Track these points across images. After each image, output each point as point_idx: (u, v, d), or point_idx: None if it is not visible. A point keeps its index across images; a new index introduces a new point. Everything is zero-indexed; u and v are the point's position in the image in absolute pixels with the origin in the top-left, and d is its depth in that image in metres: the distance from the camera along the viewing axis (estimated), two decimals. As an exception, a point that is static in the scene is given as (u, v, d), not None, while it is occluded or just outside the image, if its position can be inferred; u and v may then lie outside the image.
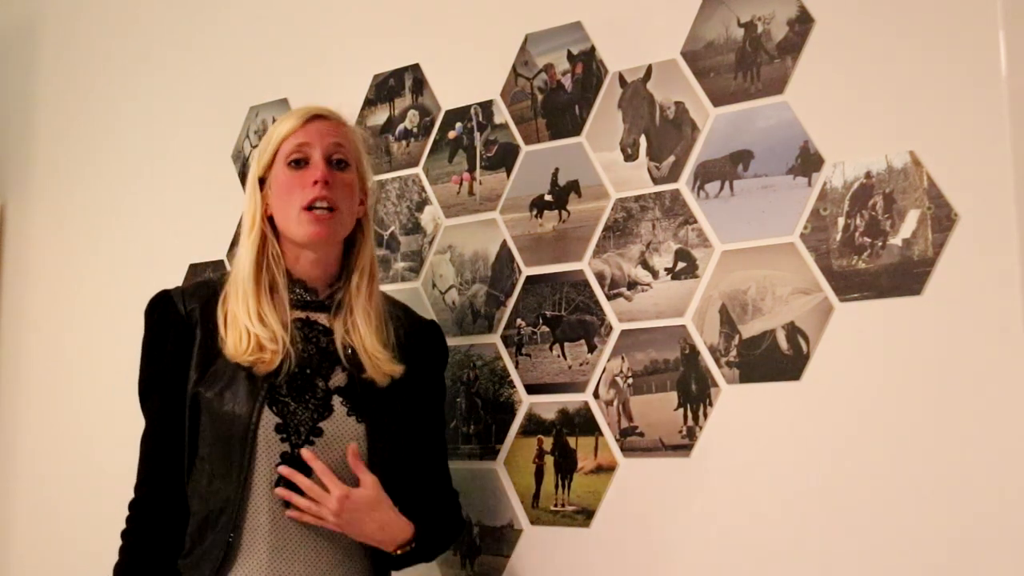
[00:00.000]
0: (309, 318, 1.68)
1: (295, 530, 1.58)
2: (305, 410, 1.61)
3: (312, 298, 1.69)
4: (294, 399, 1.61)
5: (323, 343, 1.67)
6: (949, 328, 1.50)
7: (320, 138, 1.67)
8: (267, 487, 1.57)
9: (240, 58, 2.39)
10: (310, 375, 1.63)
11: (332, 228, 1.65)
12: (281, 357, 1.60)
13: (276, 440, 1.58)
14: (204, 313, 1.65)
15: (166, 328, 1.66)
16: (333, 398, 1.63)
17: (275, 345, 1.59)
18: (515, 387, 1.88)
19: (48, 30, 2.83)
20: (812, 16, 1.66)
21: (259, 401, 1.59)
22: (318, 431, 1.60)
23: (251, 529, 1.57)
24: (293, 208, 1.64)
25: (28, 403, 2.69)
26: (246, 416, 1.58)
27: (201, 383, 1.62)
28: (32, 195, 2.78)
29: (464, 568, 1.90)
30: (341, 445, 1.60)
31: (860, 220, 1.59)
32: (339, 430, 1.61)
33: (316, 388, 1.63)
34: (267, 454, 1.58)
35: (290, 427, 1.59)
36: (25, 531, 2.64)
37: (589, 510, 1.77)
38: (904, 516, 1.50)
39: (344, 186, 1.67)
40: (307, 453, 1.57)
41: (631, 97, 1.82)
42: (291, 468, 1.57)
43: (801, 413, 1.60)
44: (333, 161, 1.67)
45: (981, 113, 1.51)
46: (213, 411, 1.60)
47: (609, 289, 1.80)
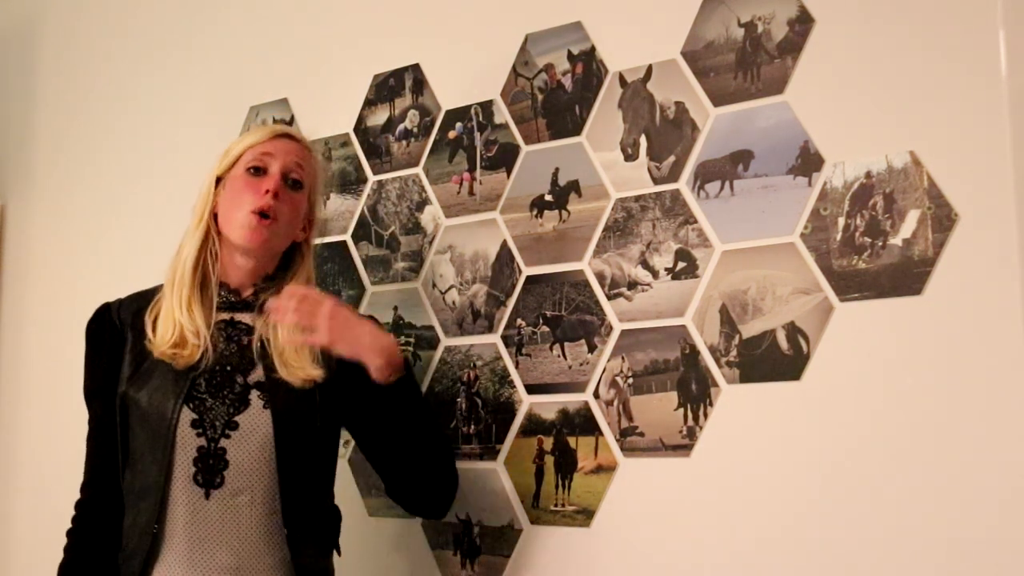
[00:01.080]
0: (233, 319, 1.75)
1: (215, 520, 1.63)
2: (221, 405, 1.67)
3: (235, 299, 1.76)
4: (211, 395, 1.67)
5: (244, 341, 1.73)
6: (949, 328, 1.50)
7: (283, 154, 1.76)
8: (186, 480, 1.63)
9: (240, 58, 2.40)
10: (230, 372, 1.70)
11: (266, 235, 1.71)
12: (201, 350, 1.67)
13: (192, 435, 1.65)
14: (135, 321, 1.74)
15: (102, 338, 1.78)
16: (251, 392, 1.68)
17: (196, 340, 1.68)
18: (515, 387, 1.89)
19: (48, 30, 2.83)
20: (812, 16, 1.66)
21: (179, 398, 1.65)
22: (234, 424, 1.66)
23: (172, 521, 1.64)
24: (240, 210, 1.71)
25: (28, 403, 2.69)
26: (168, 413, 1.65)
27: (130, 383, 1.70)
28: (32, 195, 2.78)
29: (464, 568, 1.90)
30: (256, 436, 1.66)
31: (860, 220, 1.59)
32: (255, 423, 1.66)
33: (235, 384, 1.69)
34: (184, 449, 1.64)
35: (206, 422, 1.66)
36: (25, 531, 2.63)
37: (589, 510, 1.77)
38: (904, 516, 1.50)
39: (291, 204, 1.75)
40: (289, 289, 1.68)
41: (631, 97, 1.82)
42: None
43: (801, 413, 1.60)
44: (289, 180, 1.75)
45: (981, 113, 1.51)
46: (141, 409, 1.68)
47: (609, 289, 1.80)
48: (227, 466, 1.64)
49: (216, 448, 1.64)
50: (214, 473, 1.64)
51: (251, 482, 1.65)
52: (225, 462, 1.64)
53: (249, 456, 1.65)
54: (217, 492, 1.63)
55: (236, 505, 1.64)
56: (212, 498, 1.63)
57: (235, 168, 1.76)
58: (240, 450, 1.65)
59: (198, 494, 1.63)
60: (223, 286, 1.75)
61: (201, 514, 1.63)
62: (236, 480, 1.64)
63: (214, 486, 1.63)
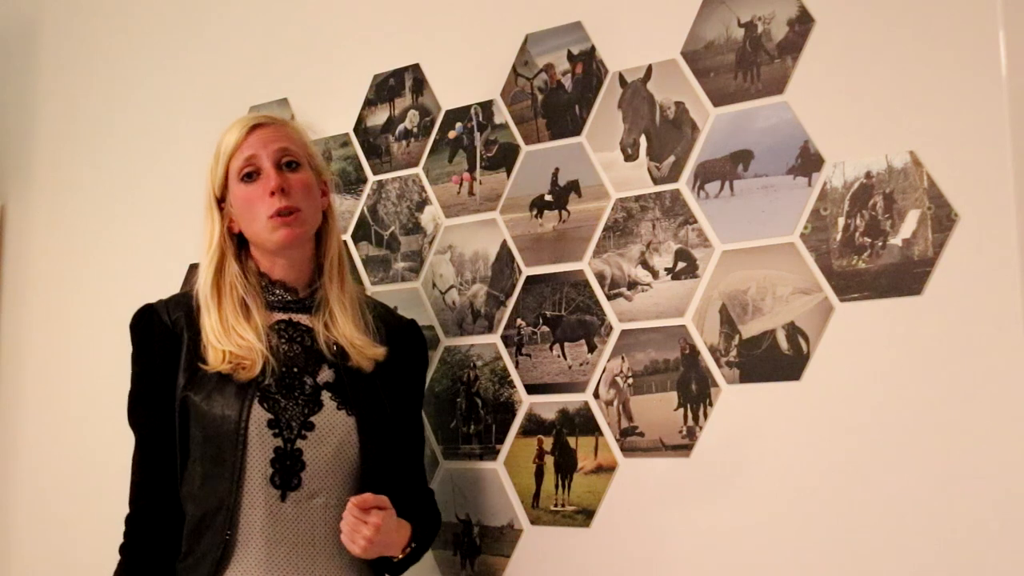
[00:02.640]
0: (292, 319, 1.71)
1: (291, 523, 1.60)
2: (295, 405, 1.63)
3: (293, 298, 1.72)
4: (283, 396, 1.63)
5: (307, 342, 1.70)
6: (949, 328, 1.50)
7: (264, 147, 1.70)
8: (262, 482, 1.59)
9: (240, 58, 2.40)
10: (297, 373, 1.66)
11: (300, 228, 1.68)
12: (260, 365, 1.63)
13: (269, 435, 1.60)
14: (188, 321, 1.68)
15: (151, 339, 1.69)
16: (322, 393, 1.66)
17: (252, 355, 1.62)
18: (515, 387, 1.88)
19: (48, 30, 2.83)
20: (812, 16, 1.66)
21: (248, 399, 1.61)
22: (310, 425, 1.63)
23: (247, 525, 1.59)
24: (259, 219, 1.67)
25: (28, 403, 2.69)
26: (235, 414, 1.60)
27: (189, 388, 1.64)
28: (32, 195, 2.78)
29: (464, 568, 1.90)
30: (333, 438, 1.63)
31: (860, 220, 1.59)
32: (330, 423, 1.64)
33: (304, 385, 1.66)
34: (260, 449, 1.60)
35: (281, 422, 1.62)
36: (25, 531, 2.63)
37: (589, 510, 1.77)
38: (904, 515, 1.50)
39: (300, 186, 1.70)
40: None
41: (631, 97, 1.82)
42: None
43: (801, 413, 1.60)
44: (283, 165, 1.70)
45: (981, 113, 1.51)
46: (202, 413, 1.62)
47: (609, 289, 1.80)
48: (304, 467, 1.60)
49: (293, 449, 1.61)
50: (291, 474, 1.60)
51: (327, 484, 1.62)
52: (302, 463, 1.60)
53: (326, 458, 1.62)
54: (293, 494, 1.60)
55: (312, 508, 1.60)
56: (288, 500, 1.60)
57: (230, 182, 1.71)
58: (317, 451, 1.61)
59: (274, 496, 1.59)
60: (277, 284, 1.71)
61: (278, 516, 1.59)
62: (312, 482, 1.61)
63: (291, 488, 1.60)
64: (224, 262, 1.69)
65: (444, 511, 1.92)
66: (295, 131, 1.76)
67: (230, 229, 1.72)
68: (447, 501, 1.92)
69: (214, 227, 1.71)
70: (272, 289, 1.71)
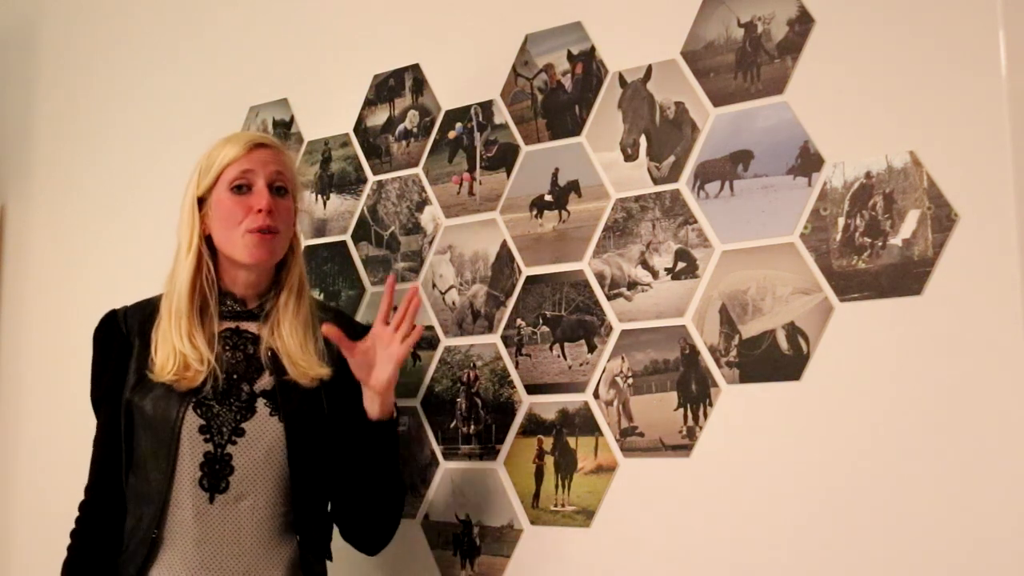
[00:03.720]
0: (239, 328, 1.77)
1: (218, 524, 1.66)
2: (228, 412, 1.69)
3: (241, 308, 1.78)
4: (218, 402, 1.69)
5: (251, 350, 1.75)
6: (949, 328, 1.50)
7: (263, 166, 1.76)
8: (191, 484, 1.66)
9: (240, 58, 2.40)
10: (236, 380, 1.72)
11: (273, 250, 1.75)
12: (204, 375, 1.69)
13: (200, 440, 1.67)
14: (142, 330, 1.76)
15: (109, 345, 1.78)
16: (257, 400, 1.71)
17: (200, 366, 1.69)
18: (515, 387, 1.88)
19: (48, 30, 2.83)
20: (812, 16, 1.66)
21: (184, 405, 1.67)
22: (240, 431, 1.68)
23: (175, 525, 1.66)
24: (237, 231, 1.73)
25: (28, 403, 2.69)
26: (172, 418, 1.67)
27: (134, 390, 1.72)
28: (32, 195, 2.78)
29: (464, 568, 1.90)
30: (262, 443, 1.68)
31: (860, 220, 1.59)
32: (261, 429, 1.69)
33: (241, 392, 1.71)
34: (191, 453, 1.66)
35: (213, 427, 1.68)
36: (25, 531, 2.63)
37: (589, 510, 1.77)
38: (904, 516, 1.50)
39: (284, 211, 1.77)
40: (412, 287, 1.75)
41: (631, 97, 1.82)
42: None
43: (801, 413, 1.60)
44: (274, 188, 1.76)
45: (981, 113, 1.51)
46: (144, 415, 1.69)
47: (609, 289, 1.80)
48: (232, 471, 1.67)
49: (223, 453, 1.67)
50: (219, 478, 1.66)
51: (254, 487, 1.67)
52: (231, 468, 1.67)
53: (254, 462, 1.67)
54: (221, 497, 1.66)
55: (238, 510, 1.66)
56: (216, 502, 1.66)
57: (217, 187, 1.75)
58: (246, 456, 1.67)
59: (203, 498, 1.65)
60: (228, 295, 1.77)
61: (204, 518, 1.65)
62: (240, 485, 1.66)
63: (219, 491, 1.66)
64: (201, 265, 1.75)
65: (444, 511, 1.93)
66: (288, 158, 1.83)
67: (202, 232, 1.77)
68: (447, 501, 1.93)
69: (194, 227, 1.77)
70: (224, 299, 1.77)
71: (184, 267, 1.75)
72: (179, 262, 1.77)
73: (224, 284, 1.77)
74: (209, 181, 1.76)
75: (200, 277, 1.74)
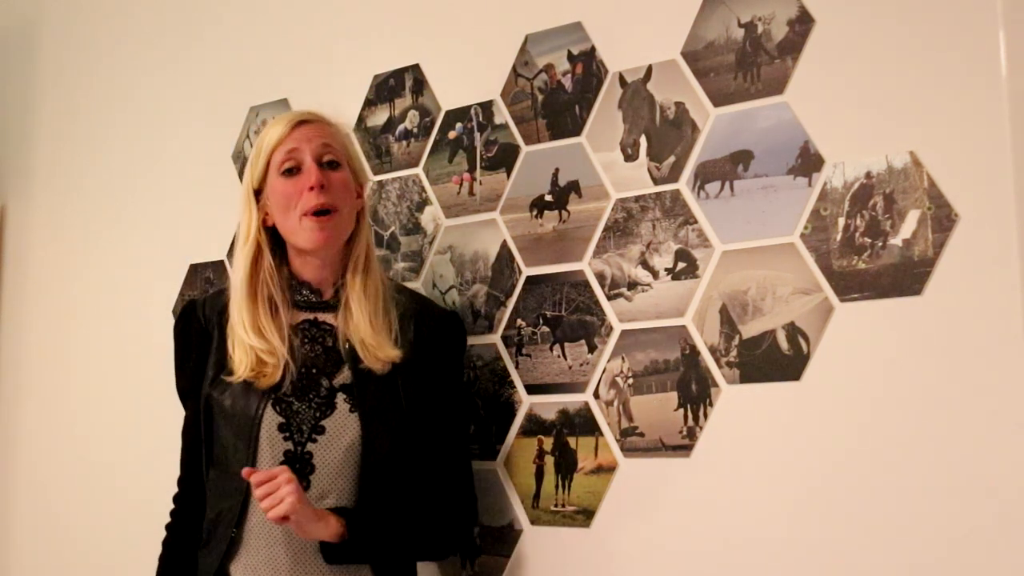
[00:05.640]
0: (317, 319, 1.72)
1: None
2: (308, 408, 1.65)
3: (318, 299, 1.73)
4: (298, 399, 1.65)
5: (329, 342, 1.71)
6: (949, 328, 1.50)
7: (308, 142, 1.71)
8: None
9: (240, 58, 2.39)
10: (315, 374, 1.68)
11: (334, 231, 1.69)
12: (282, 370, 1.65)
13: (279, 439, 1.63)
14: (220, 320, 1.72)
15: (189, 338, 1.76)
16: (337, 396, 1.67)
17: (273, 359, 1.65)
18: (515, 387, 1.88)
19: (48, 30, 2.83)
20: (812, 16, 1.66)
21: (263, 402, 1.64)
22: (320, 428, 1.64)
23: (256, 524, 1.62)
24: (294, 216, 1.68)
25: (28, 403, 2.69)
26: (251, 416, 1.63)
27: (214, 386, 1.69)
28: (32, 195, 2.78)
29: (464, 568, 1.90)
30: (343, 441, 1.64)
31: (860, 220, 1.59)
32: (341, 426, 1.65)
33: (320, 387, 1.67)
34: (270, 452, 1.63)
35: (292, 425, 1.64)
36: (25, 531, 2.63)
37: (589, 510, 1.77)
38: (904, 516, 1.50)
39: (340, 186, 1.71)
40: (247, 471, 1.56)
41: (631, 97, 1.82)
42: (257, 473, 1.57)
43: (801, 413, 1.60)
44: (324, 163, 1.71)
45: (981, 113, 1.51)
46: (223, 412, 1.67)
47: (609, 289, 1.80)
48: (313, 470, 1.63)
49: (303, 452, 1.63)
50: (301, 477, 1.60)
51: (337, 486, 1.63)
52: (312, 466, 1.63)
53: (335, 460, 1.63)
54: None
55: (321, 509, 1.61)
56: None
57: (269, 175, 1.71)
58: (326, 454, 1.63)
59: None
60: (304, 285, 1.73)
61: None
62: (322, 484, 1.63)
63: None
64: (260, 255, 1.71)
65: (444, 511, 1.92)
66: (338, 130, 1.78)
67: (264, 222, 1.73)
68: (447, 501, 1.93)
69: (251, 219, 1.72)
70: (299, 289, 1.72)
71: (240, 261, 1.71)
72: (236, 256, 1.73)
73: (297, 273, 1.72)
74: (260, 170, 1.72)
75: (259, 268, 1.69)
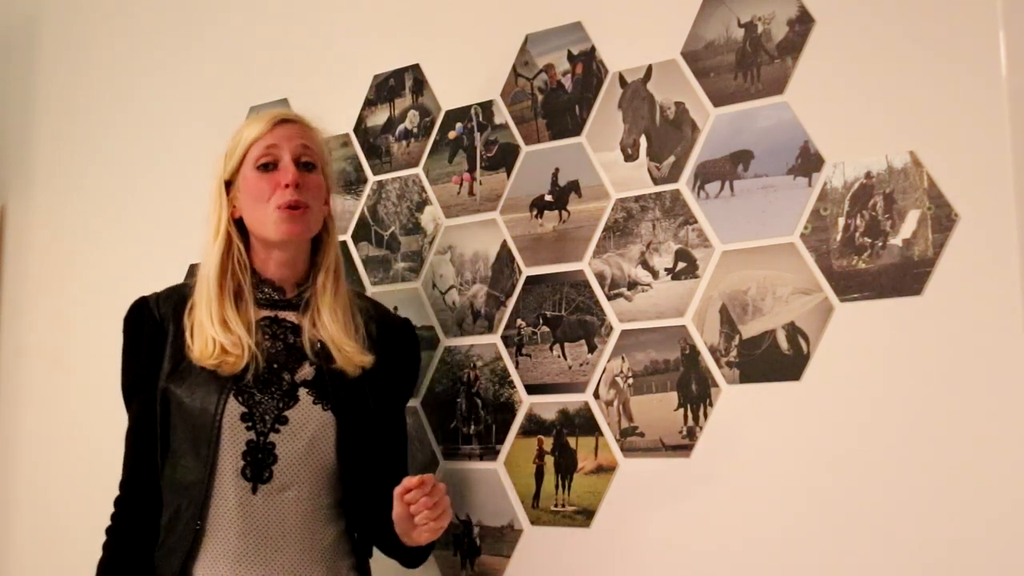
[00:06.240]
0: (277, 316, 1.73)
1: (261, 515, 1.62)
2: (270, 399, 1.66)
3: (280, 297, 1.74)
4: (259, 390, 1.66)
5: (291, 340, 1.72)
6: (949, 328, 1.50)
7: (288, 141, 1.73)
8: (234, 474, 1.62)
9: (240, 58, 2.40)
10: (277, 369, 1.69)
11: (305, 225, 1.71)
12: (246, 360, 1.65)
13: (241, 428, 1.63)
14: (175, 317, 1.71)
15: (141, 332, 1.73)
16: (299, 389, 1.68)
17: (239, 350, 1.65)
18: (515, 387, 1.88)
19: (48, 30, 2.83)
20: (812, 16, 1.66)
21: (225, 392, 1.64)
22: (283, 419, 1.65)
23: (218, 516, 1.62)
24: (266, 209, 1.69)
25: (28, 403, 2.69)
26: (212, 406, 1.63)
27: (171, 379, 1.67)
28: (32, 195, 2.78)
29: (464, 568, 1.90)
30: (306, 432, 1.65)
31: (860, 220, 1.59)
32: (304, 417, 1.66)
33: (282, 381, 1.68)
34: (232, 442, 1.63)
35: (255, 415, 1.64)
36: (25, 531, 2.63)
37: (589, 510, 1.77)
38: (904, 516, 1.50)
39: (314, 187, 1.73)
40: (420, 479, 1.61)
41: (631, 97, 1.82)
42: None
43: (801, 413, 1.60)
44: (301, 163, 1.73)
45: (981, 113, 1.51)
46: (182, 405, 1.65)
47: (609, 289, 1.80)
48: (276, 461, 1.63)
49: (266, 442, 1.63)
50: (263, 467, 1.62)
51: (298, 477, 1.64)
52: (274, 456, 1.63)
53: (297, 451, 1.64)
54: (264, 487, 1.62)
55: (283, 500, 1.63)
56: (259, 493, 1.62)
57: (243, 168, 1.73)
58: (289, 445, 1.64)
59: (245, 488, 1.62)
60: (266, 283, 1.73)
61: (248, 508, 1.61)
62: (284, 475, 1.63)
63: (262, 480, 1.62)
64: (231, 247, 1.72)
65: (444, 511, 1.92)
66: (316, 133, 1.80)
67: (231, 215, 1.74)
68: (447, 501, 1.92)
69: (221, 210, 1.73)
70: (261, 286, 1.73)
71: (212, 252, 1.71)
72: (208, 248, 1.73)
73: (259, 270, 1.73)
74: (235, 163, 1.73)
75: (230, 261, 1.71)
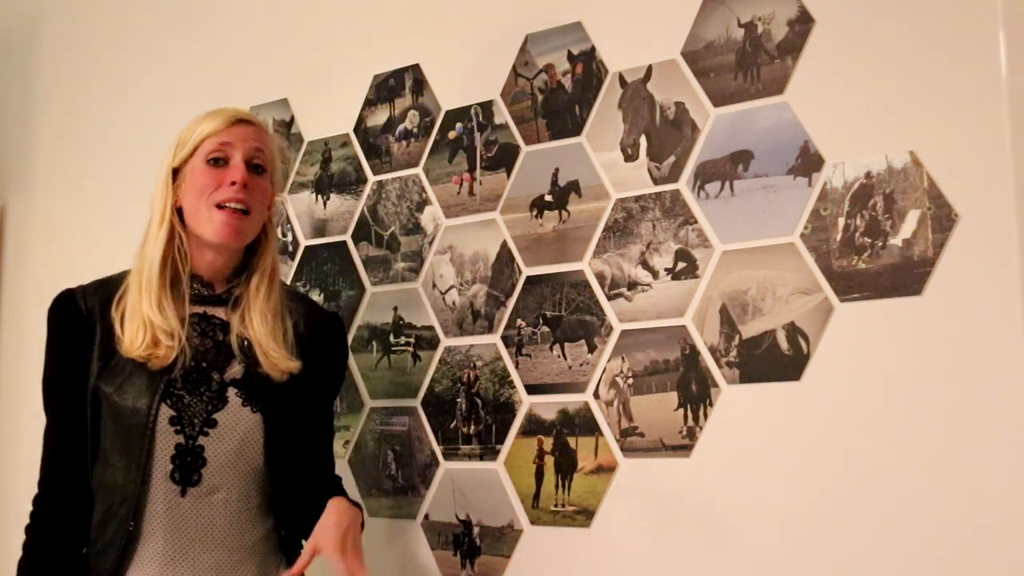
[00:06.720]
0: (206, 313, 1.71)
1: (191, 518, 1.62)
2: (200, 402, 1.65)
3: (209, 293, 1.72)
4: (188, 392, 1.65)
5: (219, 337, 1.70)
6: (949, 328, 1.50)
7: (243, 141, 1.71)
8: (163, 477, 1.62)
9: (240, 58, 2.40)
10: (206, 368, 1.67)
11: (242, 230, 1.69)
12: (176, 352, 1.64)
13: (171, 432, 1.62)
14: (103, 310, 1.69)
15: (68, 325, 1.69)
16: (228, 390, 1.67)
17: (170, 341, 1.63)
18: (515, 387, 1.88)
19: (48, 30, 2.83)
20: (812, 16, 1.66)
21: (157, 395, 1.62)
22: (212, 422, 1.65)
23: (149, 518, 1.62)
24: (205, 204, 1.67)
25: (28, 403, 2.69)
26: (144, 409, 1.62)
27: (101, 377, 1.65)
28: (32, 195, 2.78)
29: (464, 568, 1.90)
30: (235, 435, 1.65)
31: (860, 220, 1.59)
32: (233, 420, 1.65)
33: (211, 381, 1.67)
34: (162, 445, 1.62)
35: (184, 419, 1.63)
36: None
37: (589, 510, 1.77)
38: (904, 516, 1.51)
39: (259, 190, 1.71)
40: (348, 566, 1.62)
41: (631, 97, 1.82)
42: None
43: (801, 413, 1.60)
44: (252, 165, 1.71)
45: (981, 113, 1.51)
46: (113, 405, 1.64)
47: (609, 289, 1.80)
48: (205, 464, 1.63)
49: (194, 445, 1.63)
50: (191, 471, 1.62)
51: (227, 480, 1.64)
52: (203, 460, 1.63)
53: (226, 454, 1.64)
54: (193, 490, 1.62)
55: (211, 503, 1.63)
56: (188, 496, 1.62)
57: (193, 159, 1.71)
58: (218, 448, 1.64)
59: (174, 492, 1.62)
60: (196, 278, 1.71)
61: (176, 512, 1.61)
62: (213, 478, 1.63)
63: (191, 484, 1.62)
64: (174, 236, 1.70)
65: (444, 511, 1.92)
66: (271, 139, 1.78)
67: (174, 204, 1.72)
68: (447, 501, 1.93)
69: (167, 197, 1.71)
70: (191, 282, 1.71)
71: (156, 240, 1.69)
72: (150, 235, 1.71)
73: (193, 265, 1.71)
74: (186, 152, 1.71)
75: (172, 248, 1.68)
